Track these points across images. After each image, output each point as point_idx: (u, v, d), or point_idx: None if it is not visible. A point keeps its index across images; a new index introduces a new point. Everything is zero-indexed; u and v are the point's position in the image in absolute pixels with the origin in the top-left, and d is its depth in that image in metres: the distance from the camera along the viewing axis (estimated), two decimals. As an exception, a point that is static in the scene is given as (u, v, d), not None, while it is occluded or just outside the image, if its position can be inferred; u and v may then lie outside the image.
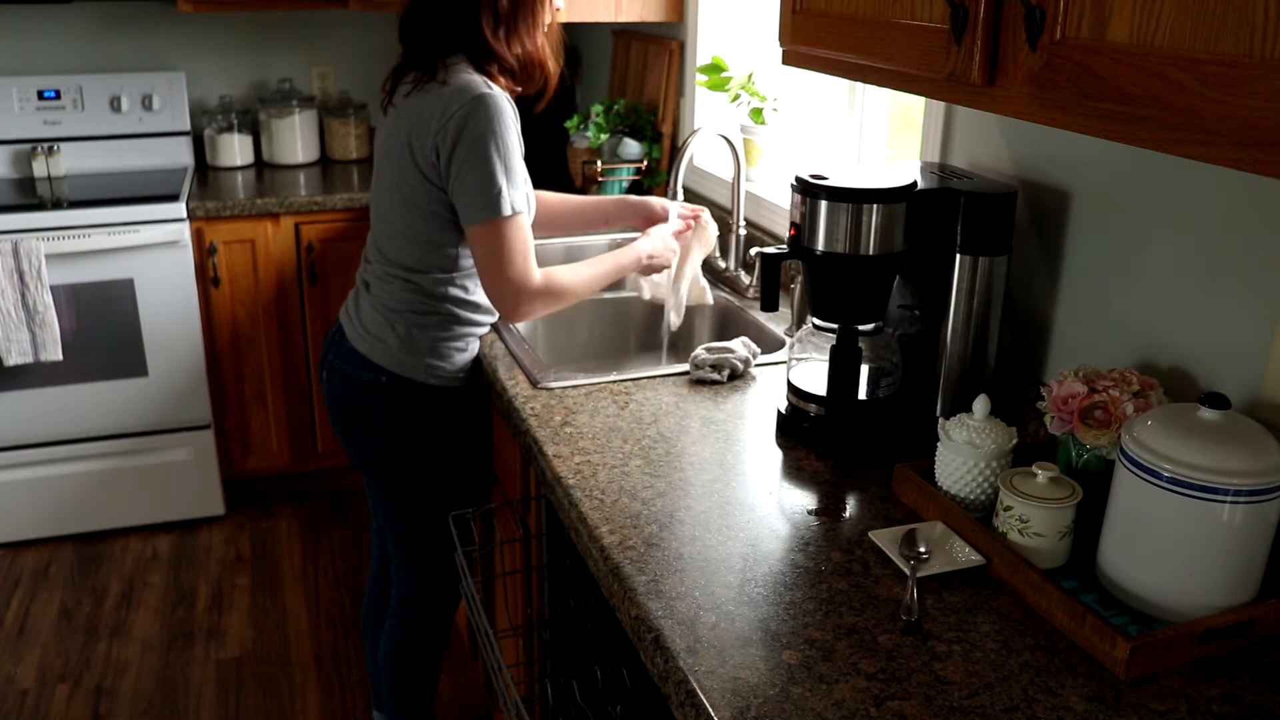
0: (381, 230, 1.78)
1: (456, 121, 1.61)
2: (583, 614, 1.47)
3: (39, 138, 3.26)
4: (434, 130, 1.63)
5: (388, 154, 1.74)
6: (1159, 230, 1.30)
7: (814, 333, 1.52)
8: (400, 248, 1.74)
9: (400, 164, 1.69)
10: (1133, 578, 1.10)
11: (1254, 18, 0.75)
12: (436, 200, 1.69)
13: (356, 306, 1.84)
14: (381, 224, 1.78)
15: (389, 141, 1.73)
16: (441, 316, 1.77)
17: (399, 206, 1.72)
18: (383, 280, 1.78)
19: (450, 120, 1.61)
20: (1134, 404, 1.19)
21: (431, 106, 1.64)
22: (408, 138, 1.67)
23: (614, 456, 1.44)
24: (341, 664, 2.63)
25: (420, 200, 1.69)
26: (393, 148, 1.71)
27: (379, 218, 1.80)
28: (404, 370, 1.77)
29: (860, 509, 1.32)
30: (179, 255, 2.95)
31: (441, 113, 1.62)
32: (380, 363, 1.77)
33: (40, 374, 2.93)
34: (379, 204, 1.79)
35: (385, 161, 1.75)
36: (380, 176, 1.78)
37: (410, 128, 1.66)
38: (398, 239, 1.74)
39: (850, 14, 1.28)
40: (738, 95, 2.43)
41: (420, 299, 1.75)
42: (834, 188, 1.40)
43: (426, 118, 1.64)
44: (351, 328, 1.82)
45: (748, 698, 0.97)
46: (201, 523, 3.26)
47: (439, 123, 1.62)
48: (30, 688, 2.53)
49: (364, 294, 1.83)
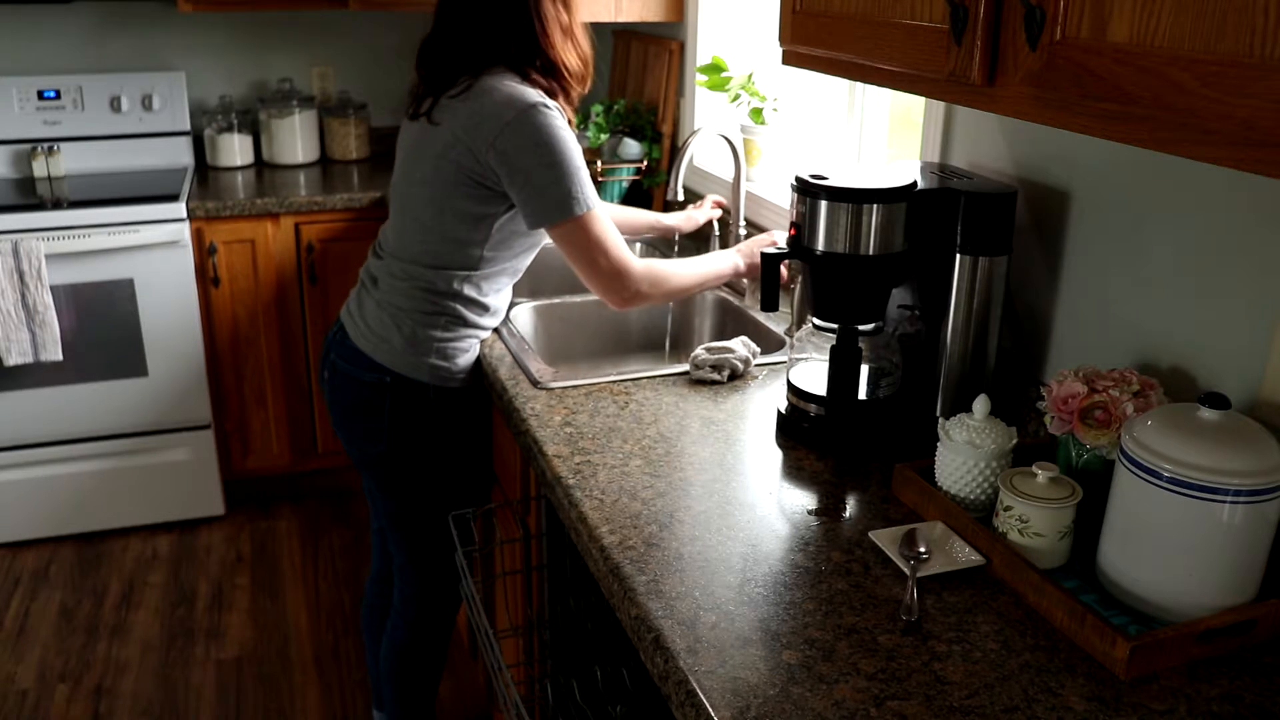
0: (405, 225, 1.78)
1: (515, 127, 1.62)
2: (583, 614, 1.47)
3: (39, 138, 3.26)
4: (490, 135, 1.63)
5: (420, 153, 1.74)
6: (1159, 230, 1.30)
7: (814, 333, 1.52)
8: (422, 242, 1.75)
9: (439, 164, 1.70)
10: (1133, 578, 1.10)
11: (1254, 18, 0.75)
12: (477, 200, 1.69)
13: (360, 304, 1.84)
14: (405, 219, 1.78)
15: (423, 140, 1.73)
16: (449, 317, 1.77)
17: (429, 204, 1.73)
18: (394, 277, 1.78)
19: (508, 127, 1.62)
20: (1134, 404, 1.19)
21: (484, 112, 1.65)
22: (453, 139, 1.67)
23: (614, 456, 1.44)
24: (341, 664, 2.63)
25: (457, 200, 1.70)
26: (429, 147, 1.71)
27: (403, 214, 1.79)
28: (408, 370, 1.77)
29: (860, 509, 1.32)
30: (179, 255, 2.95)
31: (497, 119, 1.63)
32: (384, 363, 1.77)
33: (40, 374, 2.93)
34: (405, 201, 1.79)
35: (417, 161, 1.75)
36: (409, 173, 1.78)
37: (456, 131, 1.67)
38: (422, 234, 1.75)
39: (850, 14, 1.28)
40: (738, 95, 2.43)
41: (430, 297, 1.76)
42: (834, 188, 1.41)
43: (477, 123, 1.65)
44: (354, 326, 1.82)
45: (748, 698, 0.97)
46: (201, 523, 3.26)
47: (493, 129, 1.63)
48: (30, 688, 2.53)
49: (368, 291, 1.83)
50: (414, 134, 1.78)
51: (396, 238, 1.80)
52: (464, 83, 1.69)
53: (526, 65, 1.71)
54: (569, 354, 2.17)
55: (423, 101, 1.75)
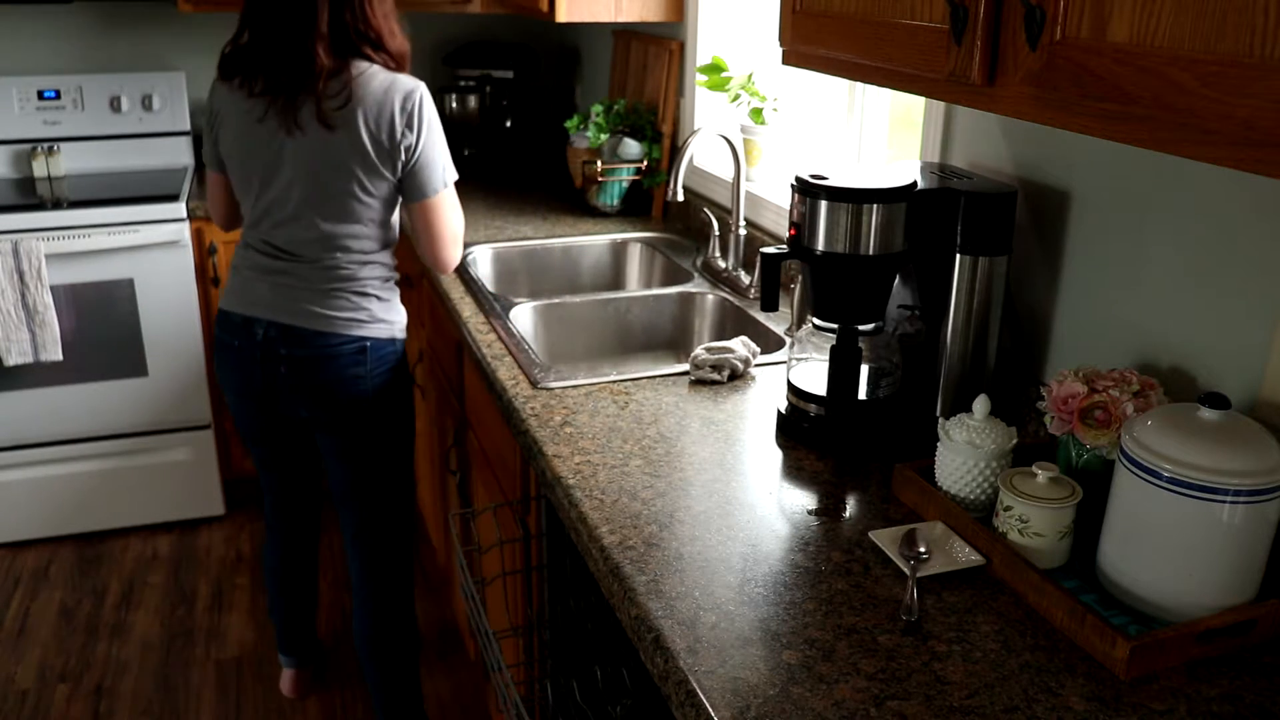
0: (334, 232, 1.92)
1: (414, 113, 1.85)
2: (583, 614, 1.47)
3: (39, 138, 3.26)
4: (398, 132, 1.85)
5: (325, 164, 1.87)
6: (1159, 230, 1.30)
7: (814, 333, 1.52)
8: (363, 239, 1.94)
9: (361, 165, 1.86)
10: (1133, 578, 1.10)
11: (1254, 18, 0.75)
12: (388, 186, 1.91)
13: (293, 300, 1.95)
14: (332, 226, 1.92)
15: (327, 152, 1.86)
16: (391, 282, 2.03)
17: (358, 205, 1.91)
18: (338, 267, 1.94)
19: (409, 115, 1.85)
20: (1134, 404, 1.19)
21: (382, 102, 1.83)
22: (359, 144, 1.84)
23: (614, 456, 1.44)
24: (341, 664, 2.63)
25: (380, 191, 1.91)
26: (335, 155, 1.85)
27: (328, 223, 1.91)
28: (381, 331, 2.00)
29: (860, 509, 1.32)
30: (179, 255, 2.95)
31: (403, 111, 1.85)
32: (361, 333, 1.97)
33: (40, 374, 2.93)
34: (324, 211, 1.90)
35: (328, 171, 1.87)
36: (324, 186, 1.89)
37: (361, 134, 1.83)
38: (356, 231, 1.93)
39: (850, 14, 1.28)
40: (738, 95, 2.43)
41: (385, 270, 2.01)
42: (834, 188, 1.40)
43: (379, 114, 1.83)
44: (308, 318, 1.95)
45: (748, 698, 0.97)
46: (201, 523, 3.26)
47: (401, 121, 1.84)
48: (30, 688, 2.53)
49: (302, 289, 1.95)
50: (309, 149, 1.86)
51: (336, 242, 1.93)
52: (345, 81, 1.83)
53: (380, 53, 1.89)
54: (569, 354, 2.17)
55: (295, 110, 1.84)
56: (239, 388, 2.06)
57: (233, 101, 1.91)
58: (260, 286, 1.97)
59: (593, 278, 2.62)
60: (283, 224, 1.93)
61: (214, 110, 1.97)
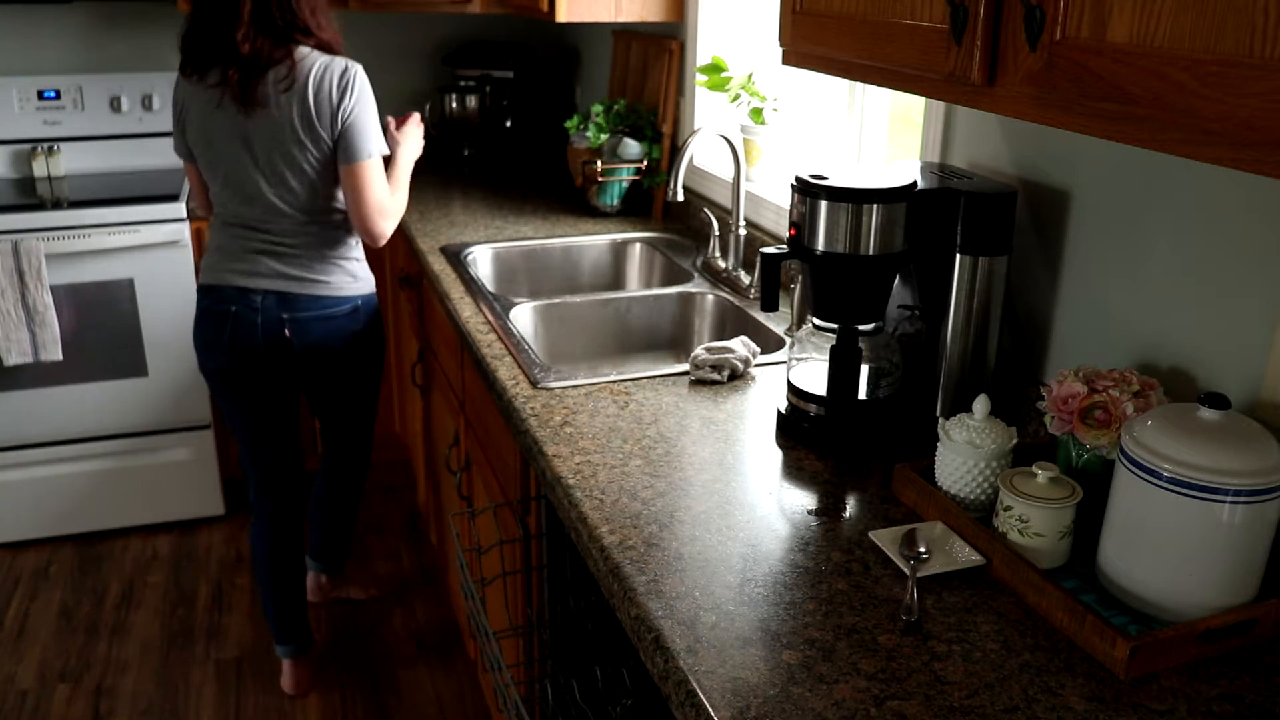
0: (297, 203, 2.13)
1: (350, 84, 2.07)
2: (583, 614, 1.47)
3: (39, 138, 3.26)
4: (335, 98, 2.05)
5: (278, 141, 2.08)
6: (1159, 230, 1.30)
7: (814, 333, 1.52)
8: (322, 209, 2.17)
9: (310, 136, 2.07)
10: (1133, 578, 1.10)
11: (1254, 18, 0.75)
12: (330, 151, 2.10)
13: (283, 267, 2.17)
14: (295, 198, 2.13)
15: (279, 130, 2.06)
16: (361, 245, 2.28)
17: (313, 178, 2.11)
18: (314, 235, 2.17)
19: (345, 85, 2.06)
20: (1134, 404, 1.19)
21: (321, 76, 2.05)
22: (306, 114, 2.05)
23: (614, 456, 1.44)
24: (341, 664, 2.63)
25: (328, 163, 2.11)
26: (286, 131, 2.07)
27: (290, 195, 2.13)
28: (366, 289, 2.30)
29: (860, 509, 1.32)
30: (179, 255, 2.95)
31: (339, 81, 2.06)
32: (353, 292, 2.26)
33: (40, 374, 2.93)
34: (281, 186, 2.12)
35: (282, 148, 2.08)
36: (280, 161, 2.09)
37: (306, 106, 2.04)
38: (316, 201, 2.14)
39: (850, 14, 1.28)
40: (738, 95, 2.43)
41: (352, 236, 2.25)
42: (834, 188, 1.40)
43: (319, 86, 2.04)
44: (301, 285, 2.19)
45: (748, 698, 0.97)
46: (201, 523, 3.26)
47: (337, 90, 2.05)
48: (30, 688, 2.53)
49: (291, 257, 2.17)
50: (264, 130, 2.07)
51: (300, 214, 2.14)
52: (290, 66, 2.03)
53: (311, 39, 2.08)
54: (569, 354, 2.17)
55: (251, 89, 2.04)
56: (231, 348, 2.21)
57: (193, 93, 2.12)
58: (248, 259, 2.17)
59: (593, 278, 2.62)
60: (250, 201, 2.14)
61: (179, 103, 2.18)
